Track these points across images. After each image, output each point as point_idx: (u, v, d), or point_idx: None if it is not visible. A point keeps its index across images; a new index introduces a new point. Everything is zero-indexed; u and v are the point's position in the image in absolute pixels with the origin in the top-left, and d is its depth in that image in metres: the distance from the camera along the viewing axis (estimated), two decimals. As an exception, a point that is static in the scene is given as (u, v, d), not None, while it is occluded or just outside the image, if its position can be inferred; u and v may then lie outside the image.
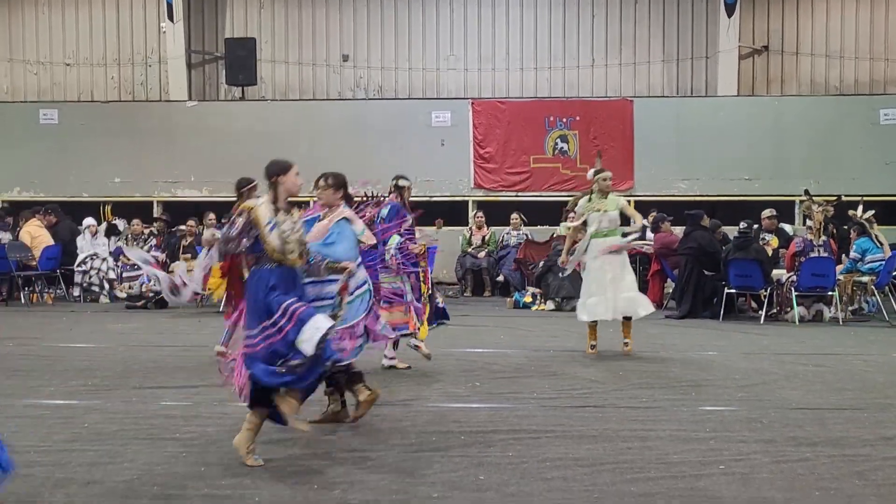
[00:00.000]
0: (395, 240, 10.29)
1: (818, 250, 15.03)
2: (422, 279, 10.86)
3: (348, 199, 8.58)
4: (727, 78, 21.01)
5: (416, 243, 10.79)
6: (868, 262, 15.41)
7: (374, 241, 8.66)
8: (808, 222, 15.65)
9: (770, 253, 16.37)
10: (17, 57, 22.77)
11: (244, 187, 10.96)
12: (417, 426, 7.95)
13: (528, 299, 17.17)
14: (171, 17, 21.50)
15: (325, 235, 7.90)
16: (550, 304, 16.75)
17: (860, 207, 16.17)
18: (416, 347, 10.61)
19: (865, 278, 15.45)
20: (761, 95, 21.49)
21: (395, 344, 10.62)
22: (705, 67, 21.73)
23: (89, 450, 7.14)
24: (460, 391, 9.47)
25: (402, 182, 10.99)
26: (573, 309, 16.49)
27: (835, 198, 16.31)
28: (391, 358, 10.69)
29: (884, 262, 15.31)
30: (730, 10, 20.79)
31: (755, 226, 16.93)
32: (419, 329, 10.51)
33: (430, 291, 11.14)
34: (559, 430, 7.88)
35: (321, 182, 8.49)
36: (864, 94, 21.29)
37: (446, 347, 11.59)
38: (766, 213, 17.55)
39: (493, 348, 12.29)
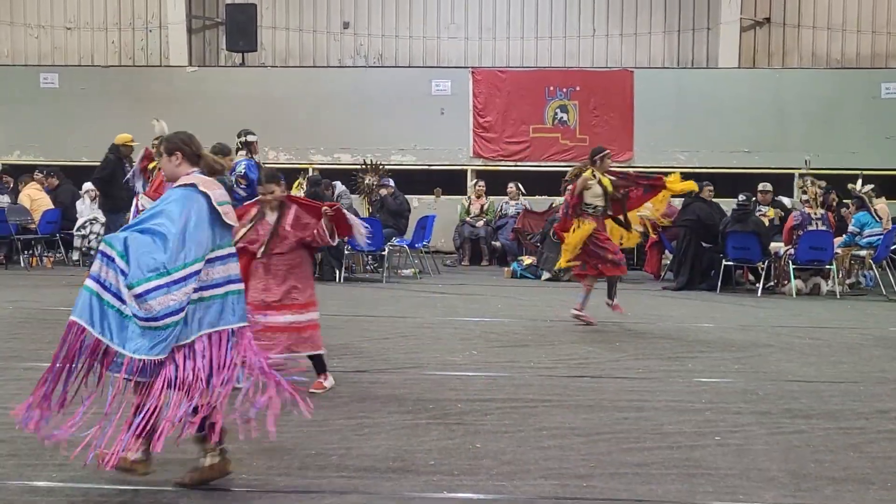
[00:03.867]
0: None
1: (816, 224, 15.02)
2: None
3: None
4: (728, 50, 20.94)
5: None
6: (866, 236, 15.41)
7: None
8: (804, 196, 15.66)
9: (767, 223, 16.37)
10: (17, 20, 22.68)
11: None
12: (414, 394, 7.96)
13: (528, 261, 17.21)
14: (172, -18, 21.42)
15: None
16: (546, 274, 16.76)
17: (859, 181, 16.17)
18: None
19: (863, 252, 15.46)
20: (762, 68, 21.43)
21: None
22: (706, 39, 21.66)
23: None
24: (457, 359, 9.48)
25: (251, 137, 10.56)
26: (570, 280, 16.60)
27: (824, 183, 16.25)
28: None
29: (882, 237, 15.30)
30: (732, -19, 20.72)
31: (753, 199, 16.93)
32: None
33: None
34: (556, 399, 7.89)
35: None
36: (865, 67, 21.21)
37: (444, 316, 11.61)
38: (761, 186, 17.52)
39: (491, 317, 12.29)
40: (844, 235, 15.76)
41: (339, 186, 17.32)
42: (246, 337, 5.54)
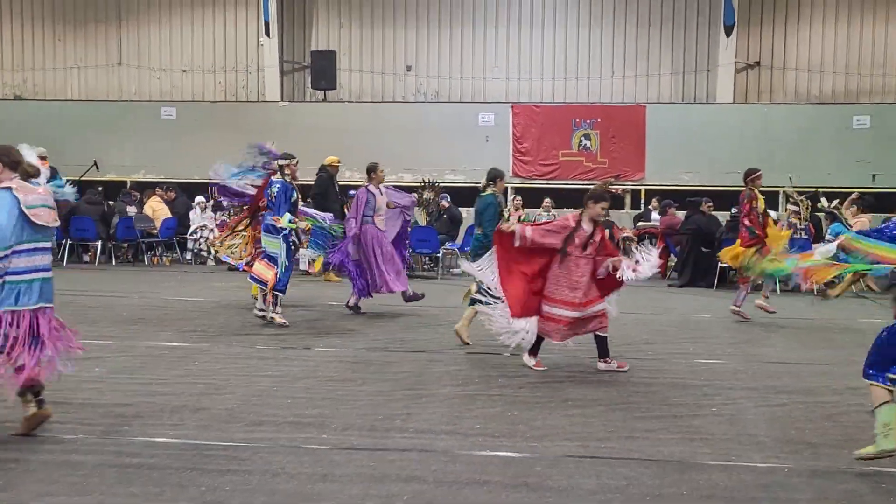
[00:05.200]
0: (287, 217, 10.13)
1: (800, 233, 14.88)
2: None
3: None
4: (725, 88, 20.74)
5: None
6: (842, 244, 15.20)
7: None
8: (795, 208, 15.46)
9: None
10: (143, 64, 22.97)
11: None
12: (463, 370, 7.98)
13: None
14: (267, 33, 21.58)
15: None
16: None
17: (823, 199, 16.00)
18: (271, 319, 10.29)
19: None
20: (753, 103, 21.19)
21: (266, 297, 10.32)
22: (706, 79, 21.46)
23: (199, 383, 7.25)
24: (498, 342, 9.47)
25: (281, 162, 10.57)
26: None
27: (814, 189, 16.07)
28: (262, 310, 10.38)
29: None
30: (728, 31, 20.51)
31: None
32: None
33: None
34: (579, 375, 7.88)
35: None
36: (839, 102, 20.92)
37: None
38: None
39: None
40: (821, 243, 15.56)
41: None
42: (47, 315, 5.63)
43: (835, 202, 15.83)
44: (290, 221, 10.17)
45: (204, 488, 4.82)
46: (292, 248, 10.37)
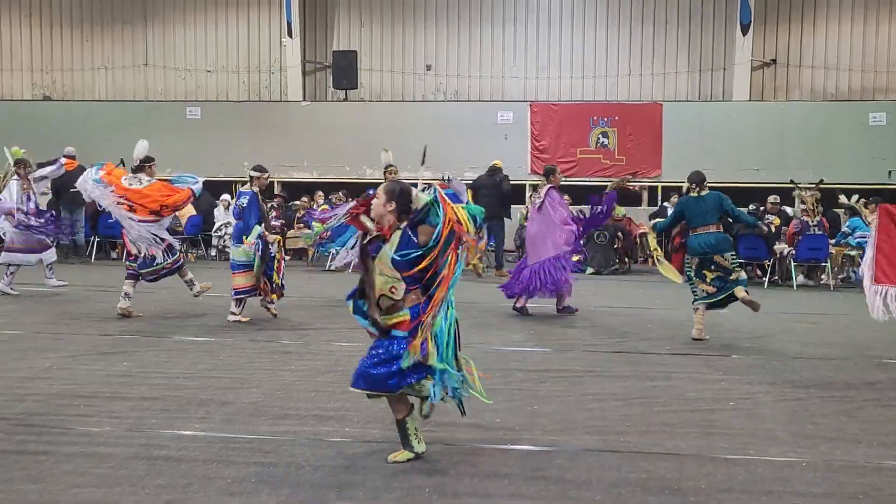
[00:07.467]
0: (256, 230, 10.13)
1: (813, 229, 14.80)
2: (277, 260, 10.56)
3: None
4: (741, 86, 20.63)
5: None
6: (857, 237, 15.13)
7: None
8: (802, 206, 15.40)
9: (773, 230, 16.13)
10: (169, 65, 23.08)
11: None
12: (485, 365, 7.92)
13: (575, 258, 17.10)
14: (290, 34, 21.64)
15: None
16: (590, 269, 16.62)
17: (842, 197, 15.91)
18: (267, 308, 10.45)
19: (854, 252, 15.18)
20: (769, 101, 21.08)
21: (239, 302, 10.28)
22: (723, 77, 21.36)
23: (224, 377, 7.28)
24: (519, 337, 9.48)
25: (252, 173, 10.56)
26: (610, 273, 16.51)
27: (816, 183, 15.96)
28: (234, 314, 10.25)
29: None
30: (744, 30, 20.41)
31: (762, 208, 16.70)
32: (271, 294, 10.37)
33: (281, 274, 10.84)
34: (598, 370, 7.85)
35: None
36: (856, 99, 20.77)
37: (508, 302, 11.58)
38: (770, 198, 17.28)
39: (546, 304, 12.24)
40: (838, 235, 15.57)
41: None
42: None
43: (854, 197, 15.73)
44: (259, 235, 10.14)
45: (230, 480, 4.84)
46: (263, 255, 10.31)
